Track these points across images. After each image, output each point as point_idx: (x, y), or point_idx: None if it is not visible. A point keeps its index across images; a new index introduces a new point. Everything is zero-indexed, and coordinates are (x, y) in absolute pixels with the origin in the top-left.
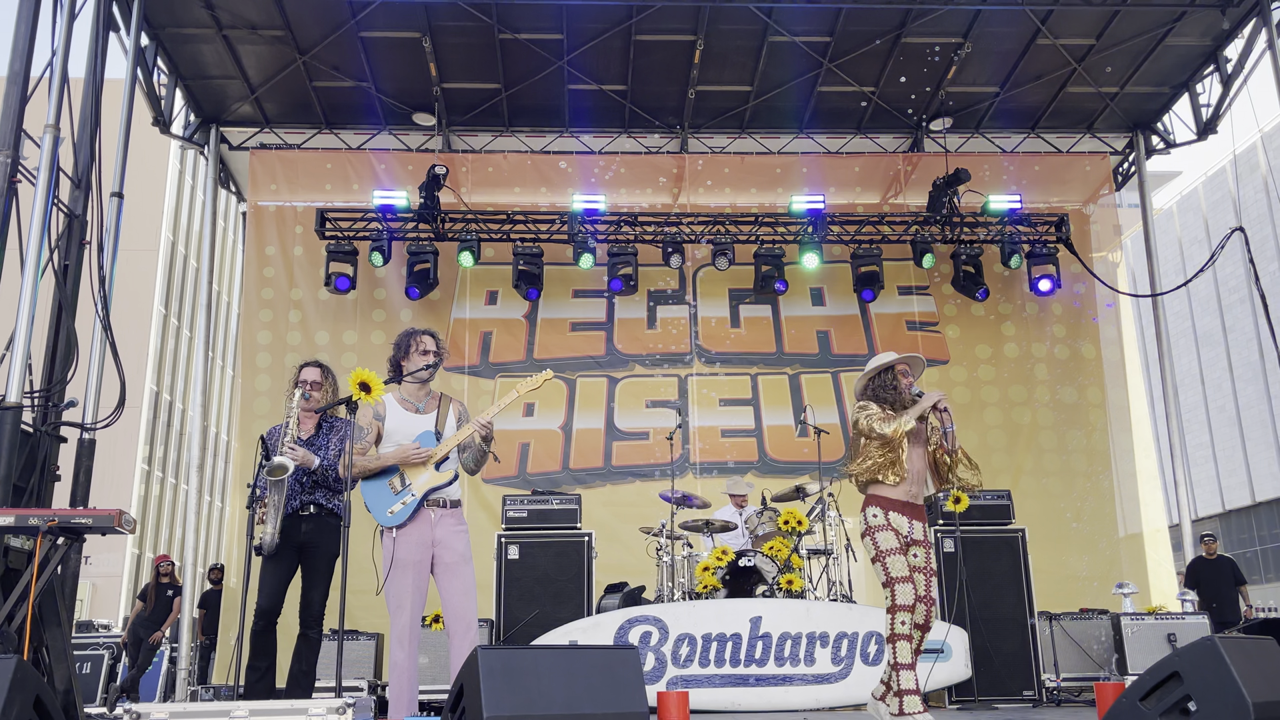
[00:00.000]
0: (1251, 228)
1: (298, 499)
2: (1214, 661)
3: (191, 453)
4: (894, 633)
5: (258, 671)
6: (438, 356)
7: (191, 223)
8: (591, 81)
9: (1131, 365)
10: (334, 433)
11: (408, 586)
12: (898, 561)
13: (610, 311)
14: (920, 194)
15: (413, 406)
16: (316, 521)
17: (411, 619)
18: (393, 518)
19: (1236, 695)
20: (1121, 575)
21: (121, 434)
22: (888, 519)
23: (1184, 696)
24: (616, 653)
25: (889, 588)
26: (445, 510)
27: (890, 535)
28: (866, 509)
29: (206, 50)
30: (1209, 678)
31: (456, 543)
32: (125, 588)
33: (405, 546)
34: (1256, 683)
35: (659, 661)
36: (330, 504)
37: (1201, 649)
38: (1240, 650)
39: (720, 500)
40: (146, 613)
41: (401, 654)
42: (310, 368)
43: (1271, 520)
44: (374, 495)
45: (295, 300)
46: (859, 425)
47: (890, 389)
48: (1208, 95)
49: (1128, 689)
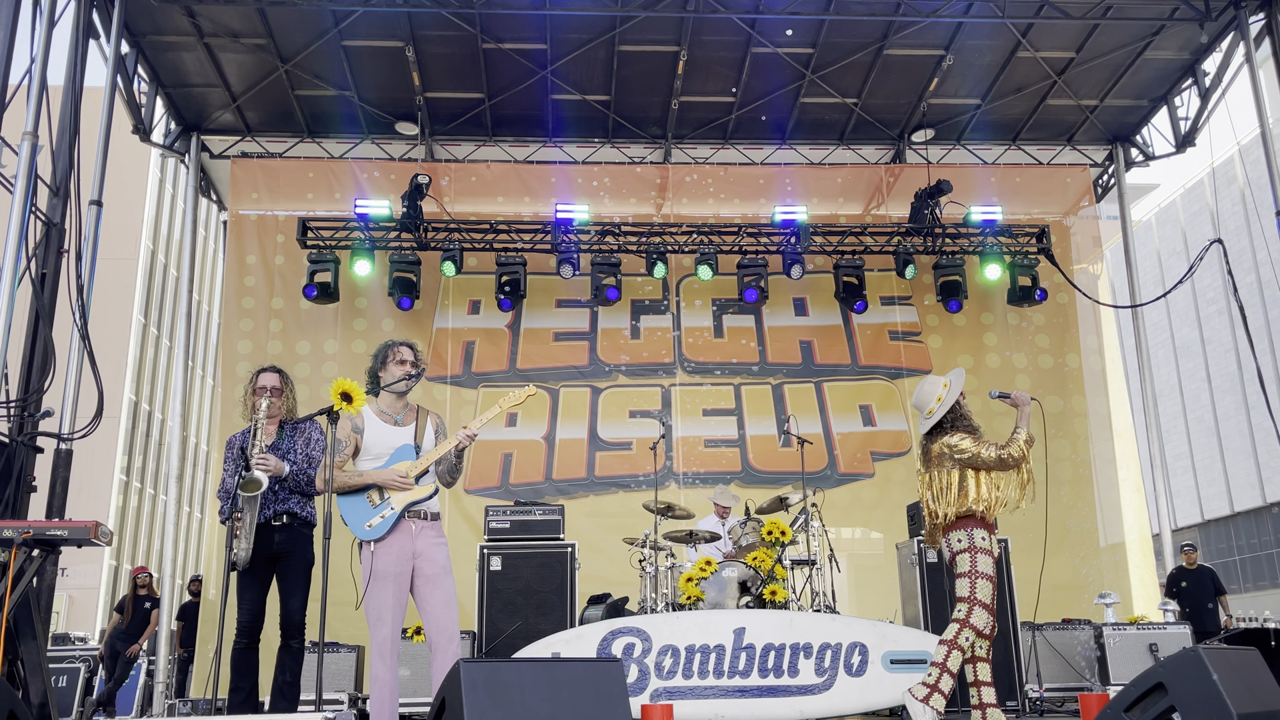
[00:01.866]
0: (1229, 240)
1: (270, 509)
2: (1198, 673)
3: (170, 463)
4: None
5: (241, 693)
6: (415, 368)
7: (172, 231)
8: (575, 91)
9: (1113, 375)
10: (298, 434)
11: (388, 599)
12: (987, 587)
13: (593, 321)
14: (902, 205)
15: (391, 419)
16: (289, 531)
17: (392, 631)
18: (371, 531)
19: (1221, 706)
20: (1103, 585)
21: (100, 444)
22: (992, 541)
23: (1168, 708)
24: (600, 665)
25: (971, 605)
26: (425, 522)
27: (989, 561)
28: (975, 530)
29: (188, 58)
30: (1193, 689)
31: (437, 555)
32: (102, 600)
33: (385, 559)
34: (1240, 694)
35: (642, 673)
36: (304, 512)
37: (1185, 660)
38: (1224, 661)
39: (704, 509)
40: (124, 625)
41: (382, 667)
42: (268, 373)
43: (1249, 530)
44: (351, 509)
45: (276, 309)
46: (978, 458)
47: (964, 415)
48: (1186, 108)
49: (1112, 700)
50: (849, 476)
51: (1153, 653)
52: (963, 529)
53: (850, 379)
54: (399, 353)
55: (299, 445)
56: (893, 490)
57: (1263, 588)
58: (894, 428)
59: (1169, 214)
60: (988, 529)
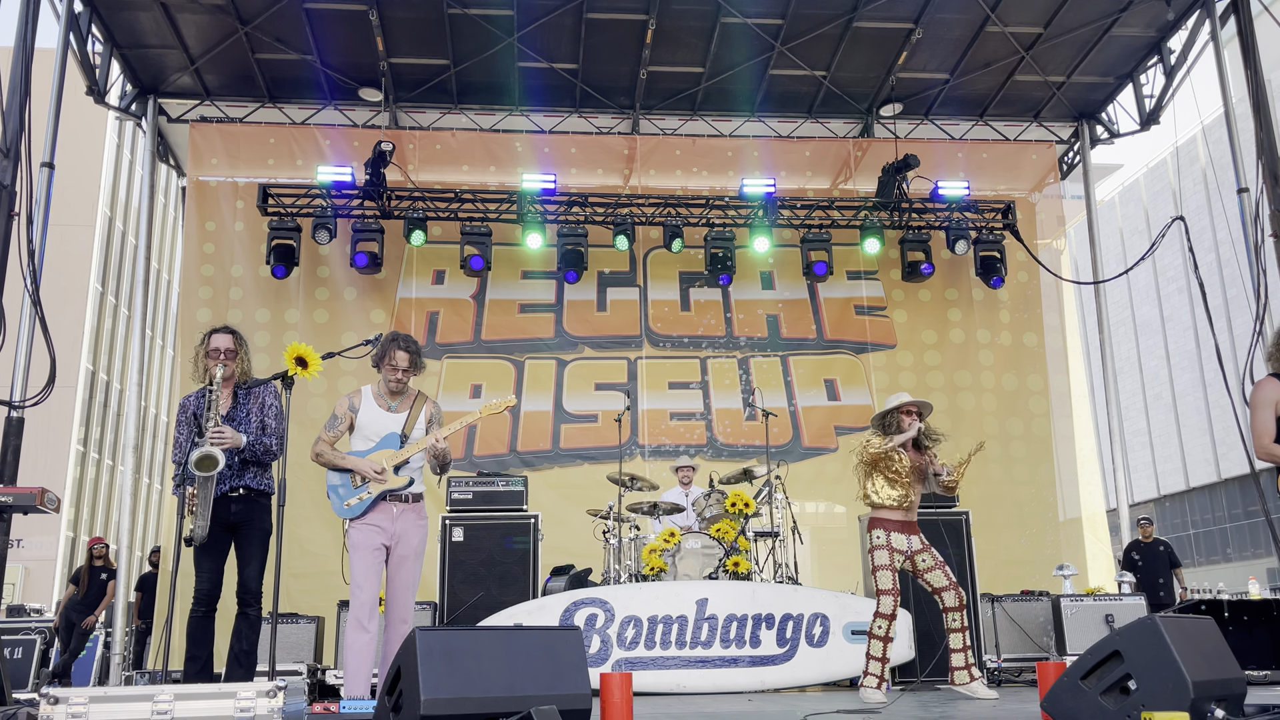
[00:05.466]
0: (1191, 219)
1: (227, 483)
2: (1154, 641)
3: (128, 433)
4: (870, 632)
5: (197, 662)
6: (406, 375)
7: (130, 198)
8: (542, 59)
9: (1073, 353)
10: (252, 399)
11: (366, 568)
12: (885, 576)
13: (560, 293)
14: (870, 179)
15: (386, 404)
16: (246, 501)
17: (370, 597)
18: (348, 510)
19: (1176, 674)
20: (1061, 558)
21: (56, 414)
22: (888, 540)
23: (1125, 675)
24: (559, 634)
25: (876, 596)
26: (407, 505)
27: (885, 553)
28: (872, 530)
29: (144, 18)
30: (1149, 657)
31: (413, 537)
32: (59, 571)
33: (364, 533)
34: (1195, 661)
35: (604, 643)
36: (260, 484)
37: (1142, 628)
38: (1180, 630)
39: (668, 482)
40: (79, 596)
41: (360, 632)
42: (221, 334)
43: (1204, 505)
44: (336, 486)
45: (236, 277)
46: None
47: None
48: (1151, 86)
49: (1069, 668)
50: (813, 450)
51: (1108, 623)
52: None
53: (816, 353)
54: (396, 358)
55: (253, 411)
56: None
57: (1215, 562)
58: (858, 402)
59: (1132, 192)
60: (885, 528)
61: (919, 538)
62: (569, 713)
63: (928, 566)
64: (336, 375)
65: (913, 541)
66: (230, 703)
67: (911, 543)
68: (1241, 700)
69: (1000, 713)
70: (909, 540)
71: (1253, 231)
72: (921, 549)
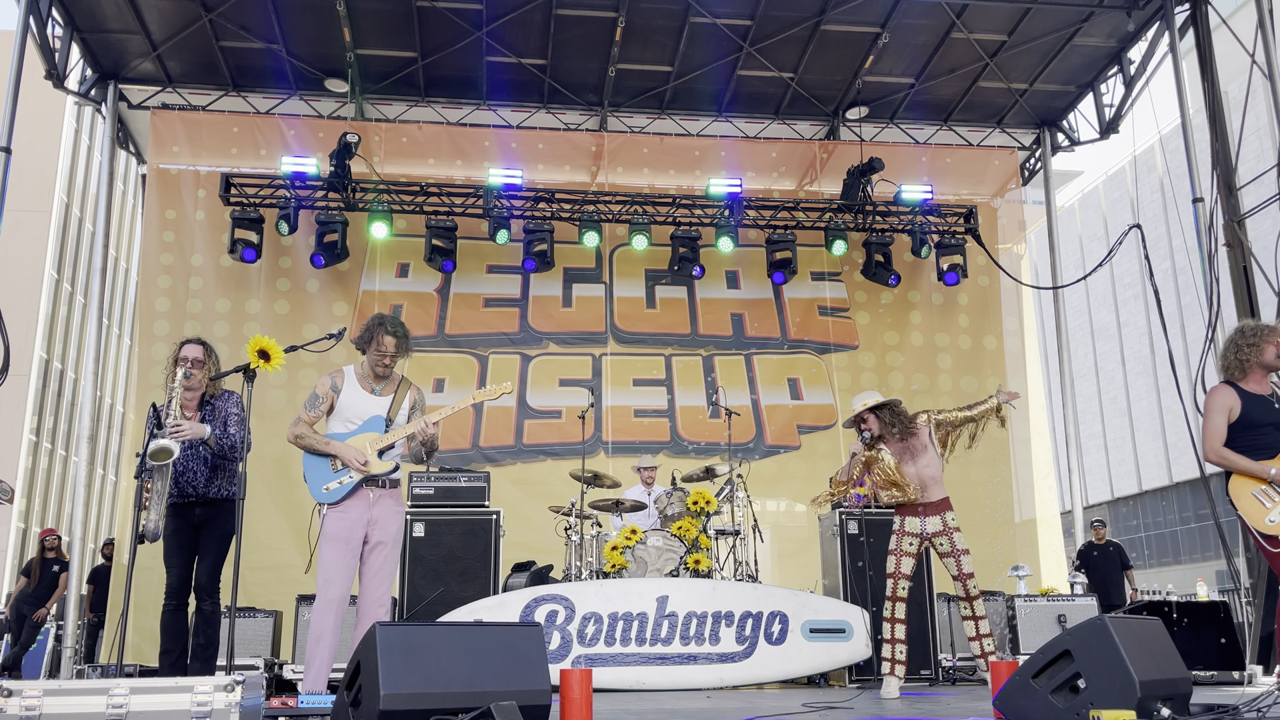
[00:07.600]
0: (1148, 226)
1: (194, 492)
2: (1103, 640)
3: (83, 424)
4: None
5: (171, 656)
6: (394, 360)
7: (88, 184)
8: (511, 54)
9: (1031, 356)
10: (216, 416)
11: (338, 561)
12: (891, 560)
13: (525, 288)
14: (835, 181)
15: (370, 387)
16: (212, 506)
17: (340, 593)
18: (327, 494)
19: (1124, 673)
20: (1016, 559)
21: (8, 403)
22: (901, 524)
23: (1074, 674)
24: (519, 630)
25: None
26: (384, 490)
27: (895, 538)
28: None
29: (105, 2)
30: (1098, 656)
31: (390, 524)
32: (9, 563)
33: (339, 522)
34: (1143, 661)
35: (565, 640)
36: (225, 493)
37: (1092, 628)
38: (1128, 630)
39: (631, 479)
40: (30, 589)
41: (325, 624)
42: (192, 344)
43: (1156, 508)
44: (314, 470)
45: (196, 267)
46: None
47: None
48: (1111, 95)
49: (1021, 667)
50: (775, 448)
51: (1061, 623)
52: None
53: (779, 353)
54: (383, 344)
55: (216, 426)
56: (818, 463)
57: (1166, 563)
58: (820, 401)
59: (1091, 199)
60: (900, 513)
61: (940, 519)
62: (529, 709)
63: (942, 553)
64: (298, 368)
65: (929, 524)
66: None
67: (926, 526)
68: (1187, 700)
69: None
70: (923, 523)
71: (1207, 240)
72: (940, 532)
